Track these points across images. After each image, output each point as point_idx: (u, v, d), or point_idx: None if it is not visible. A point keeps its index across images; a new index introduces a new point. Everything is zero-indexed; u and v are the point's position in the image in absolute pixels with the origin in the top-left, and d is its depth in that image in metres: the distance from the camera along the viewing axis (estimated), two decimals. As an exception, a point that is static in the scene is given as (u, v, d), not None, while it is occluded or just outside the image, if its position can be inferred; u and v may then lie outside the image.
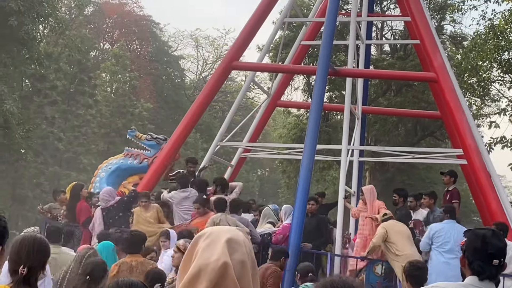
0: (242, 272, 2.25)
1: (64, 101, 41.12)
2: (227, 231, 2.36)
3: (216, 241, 2.28)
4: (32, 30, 25.20)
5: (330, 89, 31.80)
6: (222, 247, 2.26)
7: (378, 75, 22.54)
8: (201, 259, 2.25)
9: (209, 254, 2.24)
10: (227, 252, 2.25)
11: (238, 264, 2.25)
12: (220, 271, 2.20)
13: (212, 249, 2.26)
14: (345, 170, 14.15)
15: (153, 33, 57.71)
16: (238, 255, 2.27)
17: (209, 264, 2.21)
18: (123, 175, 15.02)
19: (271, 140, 52.48)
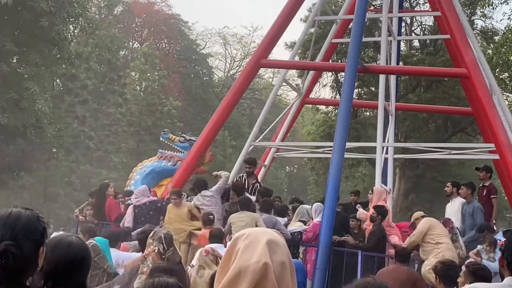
0: (282, 274, 2.24)
1: (95, 100, 41.58)
2: (266, 233, 2.35)
3: (256, 242, 2.27)
4: (62, 30, 25.43)
5: (359, 85, 31.66)
6: (262, 248, 2.24)
7: (408, 72, 22.34)
8: (241, 260, 2.23)
9: (249, 255, 2.23)
10: (268, 253, 2.23)
11: (278, 265, 2.24)
12: (260, 273, 2.19)
13: (252, 250, 2.24)
14: (381, 167, 14.04)
15: (181, 32, 57.97)
16: (278, 256, 2.26)
17: (250, 266, 2.20)
18: (157, 177, 15.12)
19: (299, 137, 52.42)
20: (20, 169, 28.44)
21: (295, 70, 31.15)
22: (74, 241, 3.17)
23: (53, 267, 3.01)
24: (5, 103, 24.56)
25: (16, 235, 2.57)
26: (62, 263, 3.05)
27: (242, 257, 2.24)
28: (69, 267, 3.06)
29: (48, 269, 2.98)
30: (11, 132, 25.99)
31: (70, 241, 3.16)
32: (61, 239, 3.19)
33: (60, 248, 3.10)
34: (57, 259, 3.04)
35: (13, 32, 25.98)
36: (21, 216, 2.63)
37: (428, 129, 31.59)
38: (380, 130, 14.54)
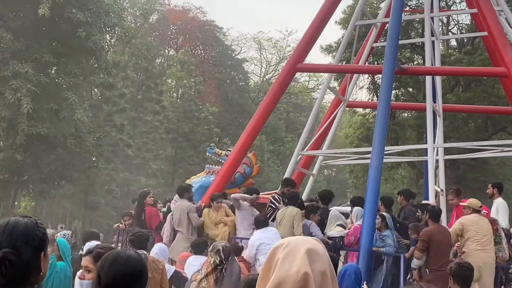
0: (323, 283, 2.22)
1: (132, 108, 41.99)
2: (305, 241, 2.33)
3: (295, 252, 2.25)
4: (99, 40, 25.73)
5: (396, 86, 31.34)
6: (302, 258, 2.22)
7: (446, 72, 22.01)
8: (281, 270, 2.21)
9: (289, 266, 2.21)
10: (308, 262, 2.21)
11: (318, 274, 2.21)
12: (301, 283, 2.16)
13: (292, 260, 2.22)
14: (433, 169, 13.87)
15: (216, 38, 58.23)
16: (318, 265, 2.24)
17: (290, 276, 2.18)
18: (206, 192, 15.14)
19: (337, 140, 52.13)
20: (61, 179, 28.84)
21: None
22: (132, 255, 3.23)
23: (111, 280, 3.07)
24: (44, 113, 24.95)
25: (14, 242, 2.59)
26: (121, 276, 3.10)
27: (281, 267, 2.22)
28: (127, 280, 3.10)
29: (107, 282, 3.06)
30: (51, 142, 26.39)
31: (128, 255, 3.20)
32: (119, 252, 3.25)
33: (120, 261, 3.14)
34: (116, 272, 3.09)
35: (51, 43, 26.41)
36: (19, 224, 2.66)
37: (468, 129, 31.11)
38: (430, 131, 14.34)
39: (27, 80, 23.70)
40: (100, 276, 3.12)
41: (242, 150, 15.35)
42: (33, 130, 24.12)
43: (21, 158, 27.04)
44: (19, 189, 29.67)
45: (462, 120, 29.86)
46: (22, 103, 23.08)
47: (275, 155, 50.83)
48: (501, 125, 30.07)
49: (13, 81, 23.41)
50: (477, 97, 28.38)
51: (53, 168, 27.74)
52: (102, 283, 3.07)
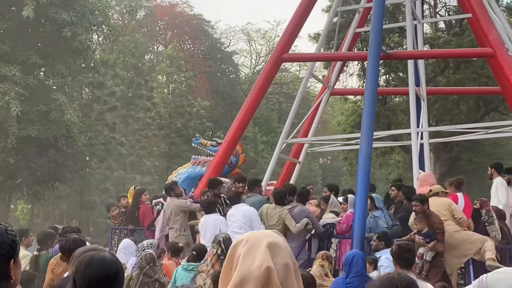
0: (286, 276, 2.21)
1: (123, 106, 41.87)
2: (266, 235, 2.31)
3: (257, 247, 2.23)
4: (85, 40, 25.62)
5: (386, 71, 31.33)
6: (263, 252, 2.20)
7: (432, 55, 22.03)
8: (243, 266, 2.19)
9: (251, 261, 2.19)
10: (270, 257, 2.19)
11: (281, 268, 2.20)
12: (264, 278, 2.14)
13: (253, 255, 2.20)
14: (417, 153, 13.83)
15: (205, 31, 58.04)
16: (281, 259, 2.22)
17: (252, 271, 2.16)
18: (193, 183, 15.10)
19: (330, 128, 52.15)
20: (54, 180, 28.75)
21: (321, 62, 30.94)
22: (107, 256, 3.20)
23: (87, 283, 3.05)
24: (34, 115, 24.85)
25: None
26: (96, 279, 3.07)
27: (243, 263, 2.20)
28: (103, 283, 3.08)
29: (83, 285, 3.04)
30: (43, 144, 26.30)
31: (103, 257, 3.18)
32: (93, 255, 3.21)
33: (94, 264, 3.12)
34: (91, 275, 3.07)
35: (37, 44, 26.29)
36: None
37: (460, 110, 31.13)
38: (413, 116, 14.31)
39: (15, 83, 23.60)
40: (75, 280, 3.09)
41: (232, 142, 15.32)
42: (24, 133, 24.03)
43: (14, 161, 26.96)
44: (14, 192, 29.59)
45: (453, 102, 29.86)
46: (10, 106, 22.99)
47: (269, 146, 50.74)
48: (493, 105, 30.10)
49: (1, 84, 23.31)
50: (467, 79, 28.38)
51: (46, 170, 27.64)
52: (78, 286, 3.04)
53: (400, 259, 6.58)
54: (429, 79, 28.16)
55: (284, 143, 16.18)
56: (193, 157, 16.29)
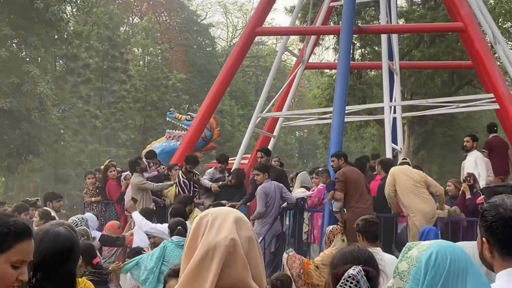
0: (250, 248, 2.26)
1: (98, 79, 41.46)
2: (230, 211, 2.36)
3: (223, 220, 2.28)
4: (58, 11, 25.24)
5: (361, 45, 31.35)
6: (230, 225, 2.25)
7: (404, 30, 22.07)
8: (208, 238, 2.23)
9: (215, 233, 2.24)
10: (235, 230, 2.25)
11: (245, 240, 2.25)
12: (229, 248, 2.20)
13: (219, 227, 2.25)
14: (390, 127, 13.95)
15: (181, 3, 57.55)
16: (245, 232, 2.28)
17: (219, 242, 2.20)
18: (167, 157, 15.11)
19: (307, 101, 52.22)
20: (28, 153, 28.44)
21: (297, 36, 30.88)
22: (61, 231, 3.18)
23: (41, 259, 3.03)
24: (6, 88, 24.50)
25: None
26: (50, 254, 3.07)
27: (209, 235, 2.24)
28: (57, 258, 3.07)
29: (37, 261, 2.99)
30: (15, 117, 25.97)
31: (57, 232, 3.16)
32: (48, 230, 3.20)
33: (48, 239, 3.11)
34: (45, 250, 3.06)
35: (9, 16, 25.82)
36: None
37: (434, 84, 31.31)
38: (386, 90, 14.41)
39: (-14, 55, 23.25)
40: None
41: (206, 115, 15.33)
42: (-4, 105, 23.72)
43: (-14, 134, 26.65)
44: (-14, 166, 29.28)
45: (427, 76, 30.00)
46: (-18, 78, 22.67)
47: (246, 119, 50.72)
48: (467, 78, 30.29)
49: (-29, 56, 22.96)
50: (441, 53, 28.49)
51: (19, 142, 27.33)
52: (32, 262, 2.94)
53: (367, 233, 6.65)
54: (404, 53, 28.26)
55: (258, 117, 16.20)
56: (167, 131, 16.30)
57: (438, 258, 2.18)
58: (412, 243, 2.33)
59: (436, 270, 2.17)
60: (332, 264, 3.05)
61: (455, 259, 2.18)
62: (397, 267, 2.27)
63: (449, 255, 2.19)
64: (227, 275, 2.19)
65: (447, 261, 2.17)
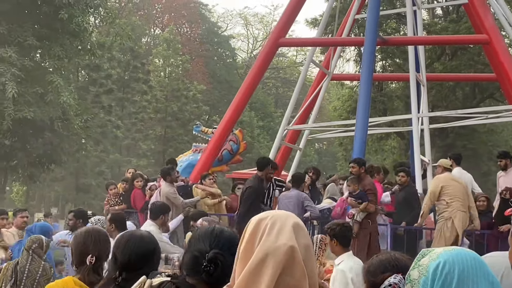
0: (307, 256, 2.23)
1: (120, 89, 41.82)
2: (289, 216, 2.33)
3: (282, 226, 2.24)
4: (82, 22, 25.55)
5: (382, 57, 31.32)
6: (289, 231, 2.22)
7: (428, 41, 22.00)
8: (266, 243, 2.19)
9: (274, 238, 2.20)
10: (294, 236, 2.21)
11: (303, 248, 2.22)
12: (288, 255, 2.16)
13: (277, 233, 2.21)
14: (418, 139, 13.87)
15: (202, 15, 57.85)
16: (303, 239, 2.25)
17: (278, 248, 2.17)
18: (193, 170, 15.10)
19: (326, 113, 52.15)
20: (50, 162, 28.75)
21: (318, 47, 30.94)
22: (145, 234, 3.45)
23: (127, 259, 3.27)
24: (30, 97, 24.79)
25: (221, 247, 2.61)
26: (136, 255, 3.30)
27: (267, 240, 2.20)
28: (141, 259, 3.30)
29: (123, 260, 3.26)
30: (38, 126, 26.27)
31: (141, 235, 3.43)
32: (133, 233, 3.47)
33: (134, 241, 3.35)
34: (131, 251, 3.31)
35: (34, 26, 26.19)
36: (224, 231, 2.69)
37: (456, 97, 31.17)
38: (414, 101, 14.32)
39: (11, 65, 23.52)
40: (116, 256, 3.29)
41: (228, 127, 15.37)
42: (20, 115, 23.97)
43: (9, 143, 26.93)
44: (9, 174, 29.60)
45: (449, 89, 29.90)
46: (7, 87, 22.92)
47: (265, 131, 50.83)
48: (489, 92, 30.14)
49: (-3, 66, 23.26)
50: (463, 65, 28.40)
51: (42, 152, 27.65)
52: (119, 262, 3.25)
53: (344, 238, 6.55)
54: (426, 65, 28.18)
55: (285, 130, 16.21)
56: (194, 144, 16.35)
57: (446, 268, 2.12)
58: (427, 250, 2.27)
59: (443, 281, 2.11)
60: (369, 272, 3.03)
61: (464, 269, 2.12)
62: (409, 274, 2.22)
63: (458, 265, 2.13)
64: (284, 283, 2.15)
65: (455, 272, 2.11)
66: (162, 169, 12.70)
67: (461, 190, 10.36)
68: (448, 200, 10.21)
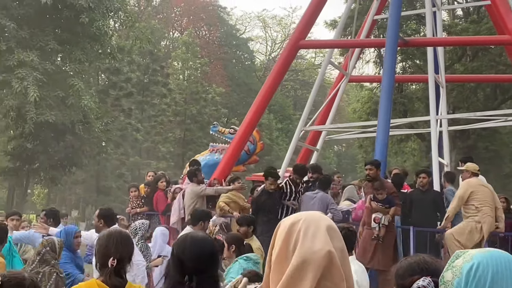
0: (343, 259, 2.22)
1: (139, 92, 42.00)
2: (323, 218, 2.31)
3: (316, 229, 2.22)
4: (103, 26, 25.74)
5: (402, 59, 31.14)
6: (324, 235, 2.20)
7: (449, 43, 21.85)
8: (303, 248, 2.18)
9: (311, 243, 2.18)
10: (329, 240, 2.20)
11: (339, 251, 2.21)
12: (326, 260, 2.15)
13: (313, 237, 2.19)
14: (436, 141, 13.75)
15: (220, 18, 57.97)
16: (338, 242, 2.24)
17: (316, 253, 2.15)
18: (210, 171, 15.07)
19: (344, 115, 52.02)
20: (71, 165, 28.98)
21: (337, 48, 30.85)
22: (205, 236, 3.45)
23: (195, 260, 3.25)
24: (52, 101, 25.02)
25: None
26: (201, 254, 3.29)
27: (303, 245, 2.19)
28: (208, 258, 3.31)
29: (192, 265, 3.22)
30: (60, 129, 26.50)
31: (202, 237, 3.41)
32: (194, 235, 3.43)
33: (198, 243, 3.33)
34: (198, 252, 3.28)
35: (55, 30, 26.42)
36: None
37: (477, 98, 30.92)
38: (433, 103, 14.16)
39: (33, 69, 23.75)
40: (183, 260, 3.25)
41: (249, 129, 15.32)
42: (41, 118, 24.20)
43: (31, 146, 27.21)
44: (31, 177, 29.86)
45: (470, 90, 29.68)
46: (29, 91, 23.14)
47: (284, 133, 50.78)
48: (510, 93, 29.91)
49: (19, 70, 23.45)
50: (484, 66, 28.19)
51: (63, 155, 27.89)
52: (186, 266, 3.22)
53: (349, 242, 6.33)
54: (446, 66, 27.92)
55: (302, 131, 16.18)
56: (211, 144, 16.33)
57: (479, 270, 2.09)
58: (461, 251, 2.23)
59: (477, 283, 2.08)
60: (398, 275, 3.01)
61: (498, 271, 2.08)
62: (443, 276, 2.20)
63: (491, 266, 2.09)
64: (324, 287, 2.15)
65: (489, 273, 2.08)
66: (188, 171, 12.72)
67: (489, 195, 10.32)
68: (478, 205, 10.17)
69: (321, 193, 11.17)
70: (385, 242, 9.98)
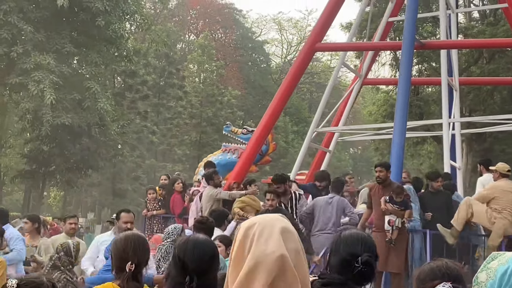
0: (297, 261, 2.26)
1: (155, 95, 42.14)
2: (277, 220, 2.35)
3: (270, 232, 2.27)
4: (119, 28, 25.87)
5: (418, 61, 31.01)
6: (277, 238, 2.25)
7: (466, 45, 21.70)
8: (256, 251, 2.23)
9: (264, 246, 2.23)
10: (283, 243, 2.24)
11: (293, 253, 2.25)
12: (278, 264, 2.20)
13: (266, 240, 2.25)
14: (448, 144, 13.69)
15: (236, 21, 58.03)
16: (292, 244, 2.28)
17: (267, 256, 2.20)
18: (223, 171, 15.05)
19: (361, 118, 51.88)
20: (87, 168, 29.13)
21: (353, 51, 30.76)
22: (206, 238, 3.42)
23: (197, 262, 3.21)
24: (68, 104, 25.17)
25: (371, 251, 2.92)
26: (206, 259, 3.26)
27: (257, 248, 2.24)
28: (209, 260, 3.27)
29: (193, 267, 3.18)
30: (76, 132, 26.64)
31: (203, 239, 3.38)
32: (195, 237, 3.40)
33: (200, 245, 3.29)
34: (200, 255, 3.25)
35: (71, 33, 26.58)
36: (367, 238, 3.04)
37: (493, 101, 30.69)
38: (445, 106, 14.11)
39: (49, 71, 23.90)
40: (185, 262, 3.22)
41: (264, 132, 15.28)
42: (58, 121, 24.36)
43: (47, 149, 27.40)
44: (47, 180, 30.06)
45: (487, 93, 29.46)
46: (45, 94, 23.29)
47: (299, 135, 50.67)
48: (527, 96, 29.67)
49: (35, 72, 23.62)
50: (501, 69, 27.97)
51: (79, 157, 28.04)
52: (189, 268, 3.19)
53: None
54: (462, 69, 27.83)
55: (314, 132, 16.17)
56: (223, 144, 16.32)
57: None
58: (497, 253, 2.24)
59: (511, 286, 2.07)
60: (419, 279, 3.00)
61: None
62: (477, 276, 2.19)
63: None
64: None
65: None
66: (205, 174, 12.71)
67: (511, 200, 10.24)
68: (498, 208, 10.09)
69: (337, 197, 11.08)
70: (398, 245, 9.94)
